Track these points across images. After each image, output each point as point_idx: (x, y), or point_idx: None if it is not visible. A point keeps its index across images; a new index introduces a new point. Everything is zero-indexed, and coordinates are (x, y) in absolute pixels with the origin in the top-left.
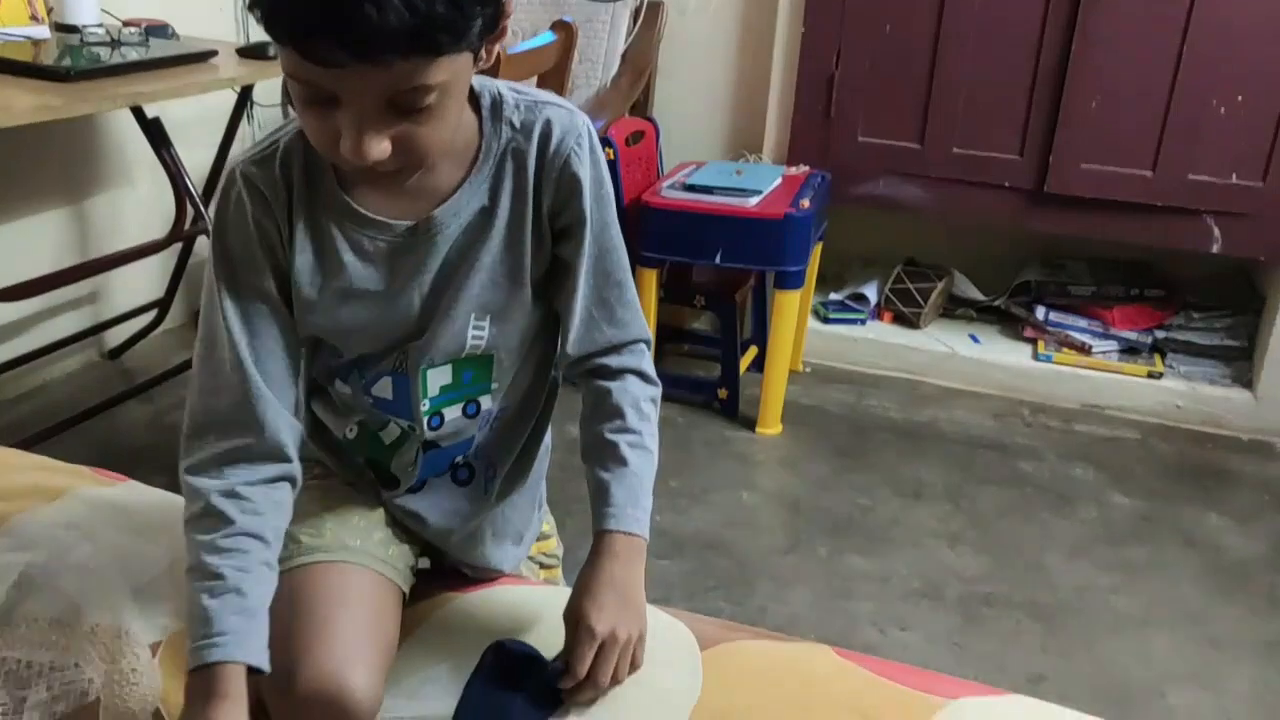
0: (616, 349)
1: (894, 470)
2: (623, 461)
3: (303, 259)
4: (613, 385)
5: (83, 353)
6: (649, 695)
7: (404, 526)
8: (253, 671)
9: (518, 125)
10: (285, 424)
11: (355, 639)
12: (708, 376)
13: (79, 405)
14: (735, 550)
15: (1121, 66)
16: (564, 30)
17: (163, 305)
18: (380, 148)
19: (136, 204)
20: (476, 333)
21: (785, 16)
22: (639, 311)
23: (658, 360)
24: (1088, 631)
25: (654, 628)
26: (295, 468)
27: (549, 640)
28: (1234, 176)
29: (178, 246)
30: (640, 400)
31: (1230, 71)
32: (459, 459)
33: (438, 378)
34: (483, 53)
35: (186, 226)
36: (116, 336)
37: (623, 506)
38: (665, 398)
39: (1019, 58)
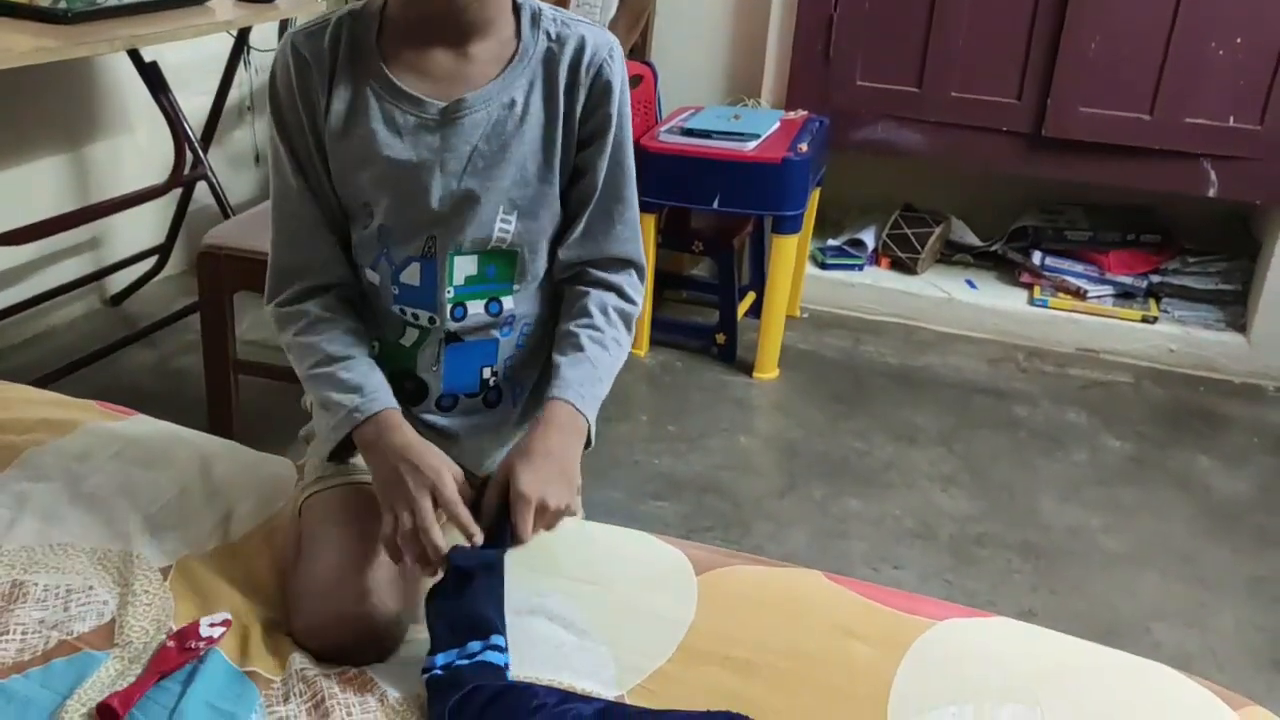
0: (604, 264)
1: (889, 414)
2: (579, 349)
3: (336, 120)
4: (590, 290)
5: (85, 299)
6: (646, 617)
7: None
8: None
9: (554, 36)
10: (346, 259)
11: (396, 570)
12: (706, 322)
13: (82, 350)
14: (732, 492)
15: (1120, 8)
16: None
17: (163, 251)
18: None
19: (135, 149)
20: (504, 225)
21: None
22: (638, 236)
23: (657, 306)
24: (1077, 570)
25: (651, 554)
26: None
27: (558, 567)
28: (1231, 119)
29: (177, 192)
30: (609, 306)
31: (1229, 13)
32: (488, 375)
33: (464, 266)
34: None
35: (186, 172)
36: (118, 283)
37: (570, 382)
38: (664, 343)
39: (1017, 0)
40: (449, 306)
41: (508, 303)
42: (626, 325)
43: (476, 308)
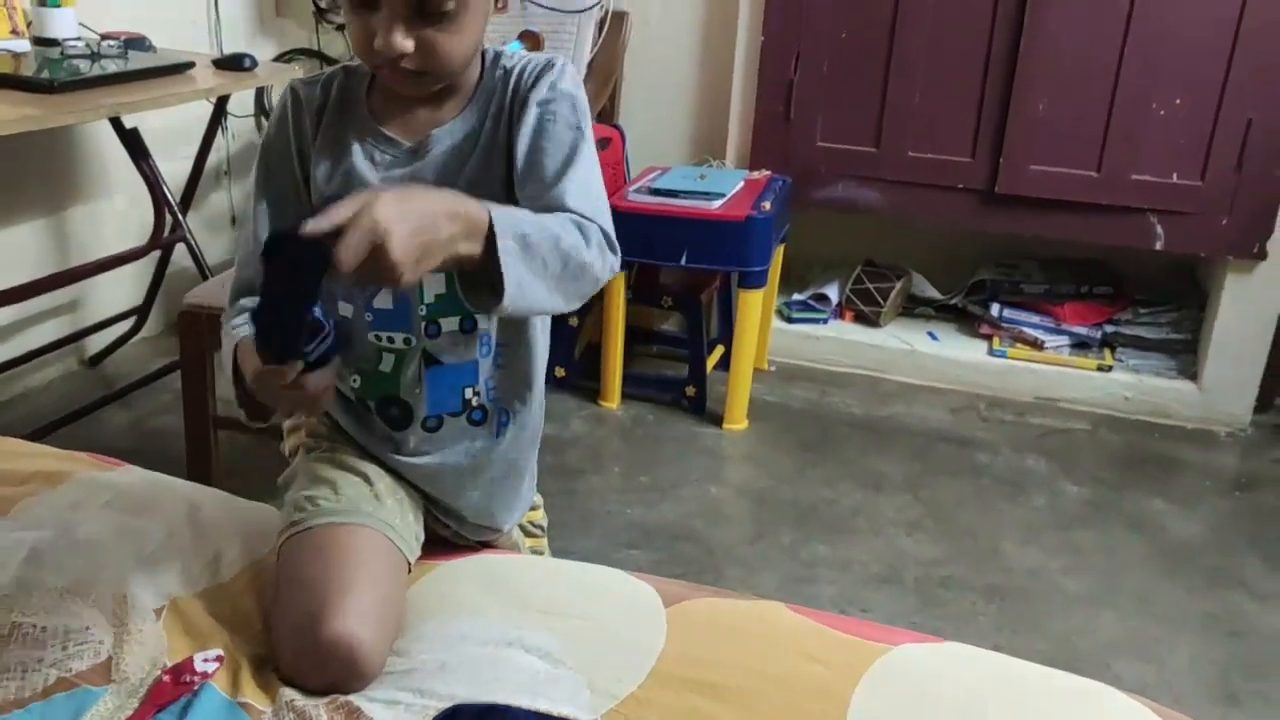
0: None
1: (856, 463)
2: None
3: (321, 155)
4: None
5: (62, 360)
6: (619, 646)
7: (419, 491)
8: None
9: (508, 68)
10: None
11: (373, 600)
12: (676, 375)
13: (60, 412)
14: (703, 540)
15: (1066, 72)
16: (531, 40)
17: (141, 312)
18: (405, 43)
19: (115, 213)
20: None
21: (745, 25)
22: (603, 211)
23: (628, 361)
24: (1038, 611)
25: (621, 588)
26: None
27: (534, 603)
28: (1174, 176)
29: (156, 255)
30: (561, 217)
31: (1169, 75)
32: (470, 395)
33: (433, 285)
34: None
35: (165, 235)
36: (96, 344)
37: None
38: (635, 396)
39: (969, 64)
40: (423, 324)
41: (482, 321)
42: (580, 229)
43: (450, 325)
